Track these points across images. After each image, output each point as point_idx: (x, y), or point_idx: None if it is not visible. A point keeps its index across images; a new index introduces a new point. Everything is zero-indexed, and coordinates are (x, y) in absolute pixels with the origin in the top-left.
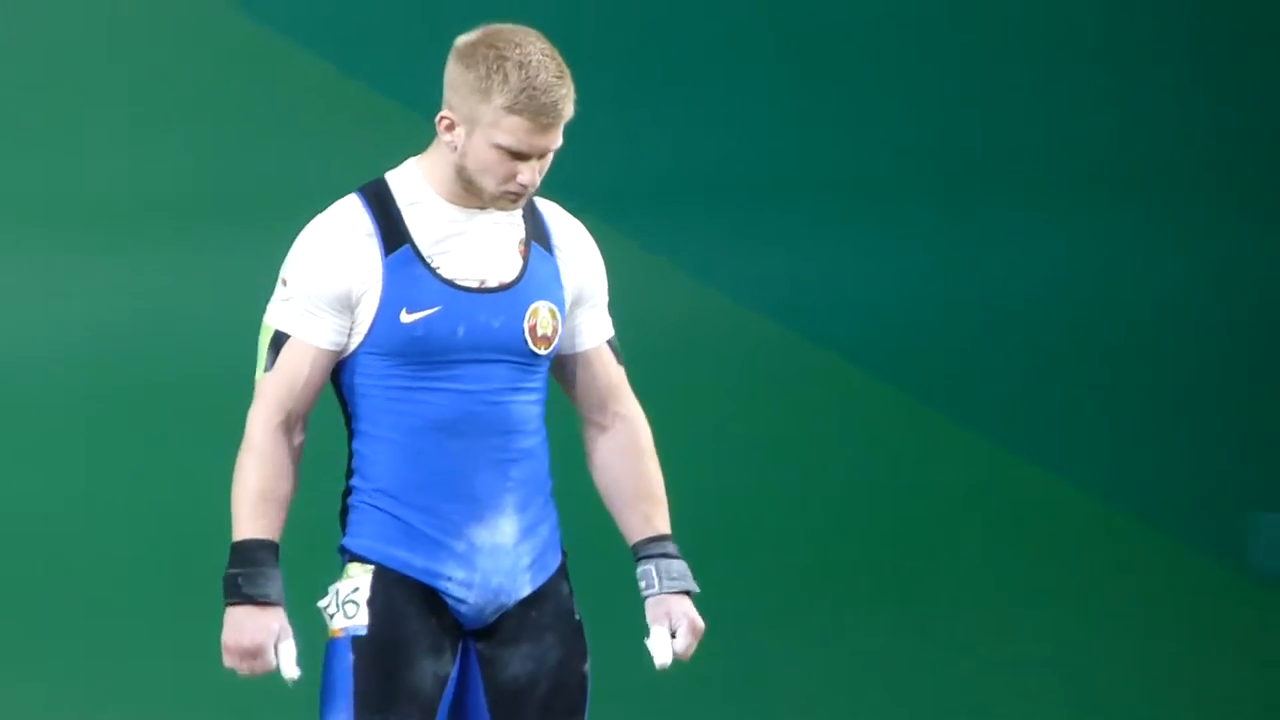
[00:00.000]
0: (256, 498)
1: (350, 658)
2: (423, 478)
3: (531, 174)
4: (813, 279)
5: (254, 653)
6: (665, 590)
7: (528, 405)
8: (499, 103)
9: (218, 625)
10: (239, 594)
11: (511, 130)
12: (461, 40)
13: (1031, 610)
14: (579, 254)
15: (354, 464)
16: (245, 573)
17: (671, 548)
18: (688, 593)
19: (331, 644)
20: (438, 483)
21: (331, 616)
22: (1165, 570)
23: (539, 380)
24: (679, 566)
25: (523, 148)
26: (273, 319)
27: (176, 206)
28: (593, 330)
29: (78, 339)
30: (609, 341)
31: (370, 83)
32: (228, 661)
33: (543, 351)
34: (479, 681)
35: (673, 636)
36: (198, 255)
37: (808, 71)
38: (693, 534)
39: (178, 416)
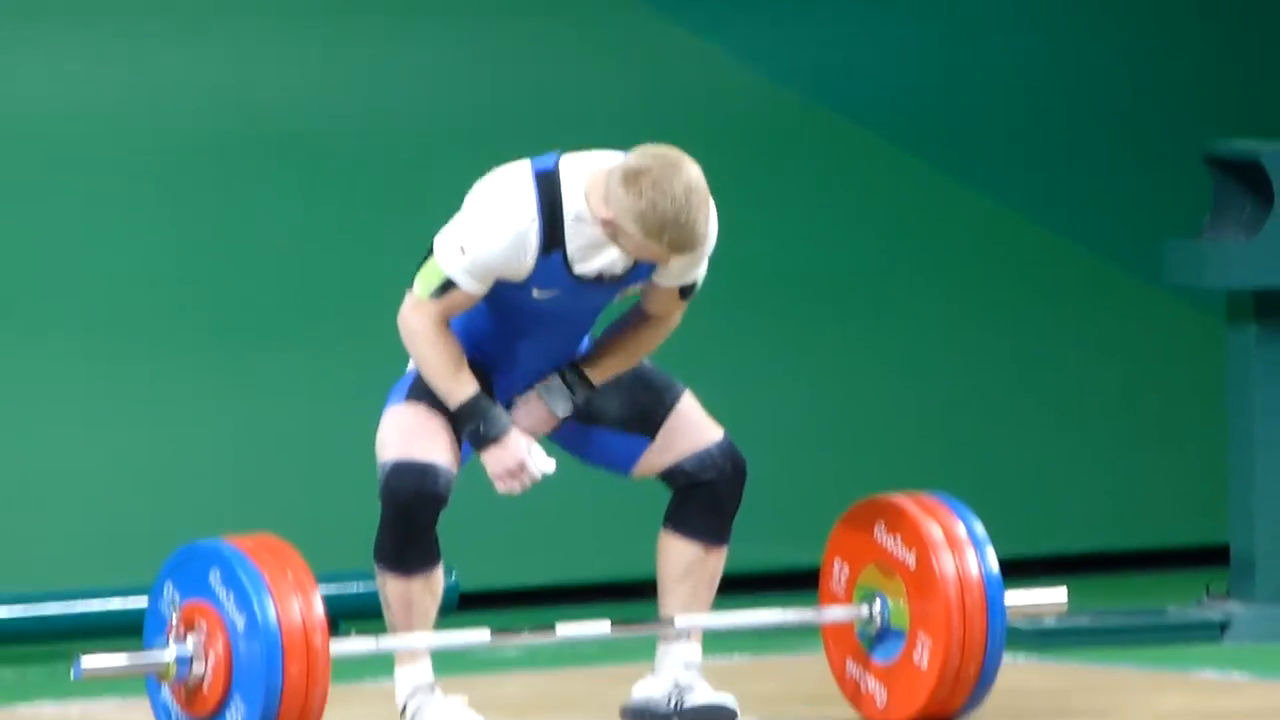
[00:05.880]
0: (453, 368)
1: (415, 375)
2: (499, 356)
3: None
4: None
5: (519, 469)
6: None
7: (599, 318)
8: (645, 229)
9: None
10: (487, 440)
11: (654, 253)
12: (628, 165)
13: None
14: (686, 269)
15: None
16: (482, 422)
17: (576, 376)
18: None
19: (406, 374)
20: (512, 362)
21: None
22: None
23: None
24: (559, 382)
25: (660, 261)
26: (447, 267)
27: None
28: (674, 277)
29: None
30: (682, 288)
31: None
32: (502, 488)
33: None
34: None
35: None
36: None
37: None
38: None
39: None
